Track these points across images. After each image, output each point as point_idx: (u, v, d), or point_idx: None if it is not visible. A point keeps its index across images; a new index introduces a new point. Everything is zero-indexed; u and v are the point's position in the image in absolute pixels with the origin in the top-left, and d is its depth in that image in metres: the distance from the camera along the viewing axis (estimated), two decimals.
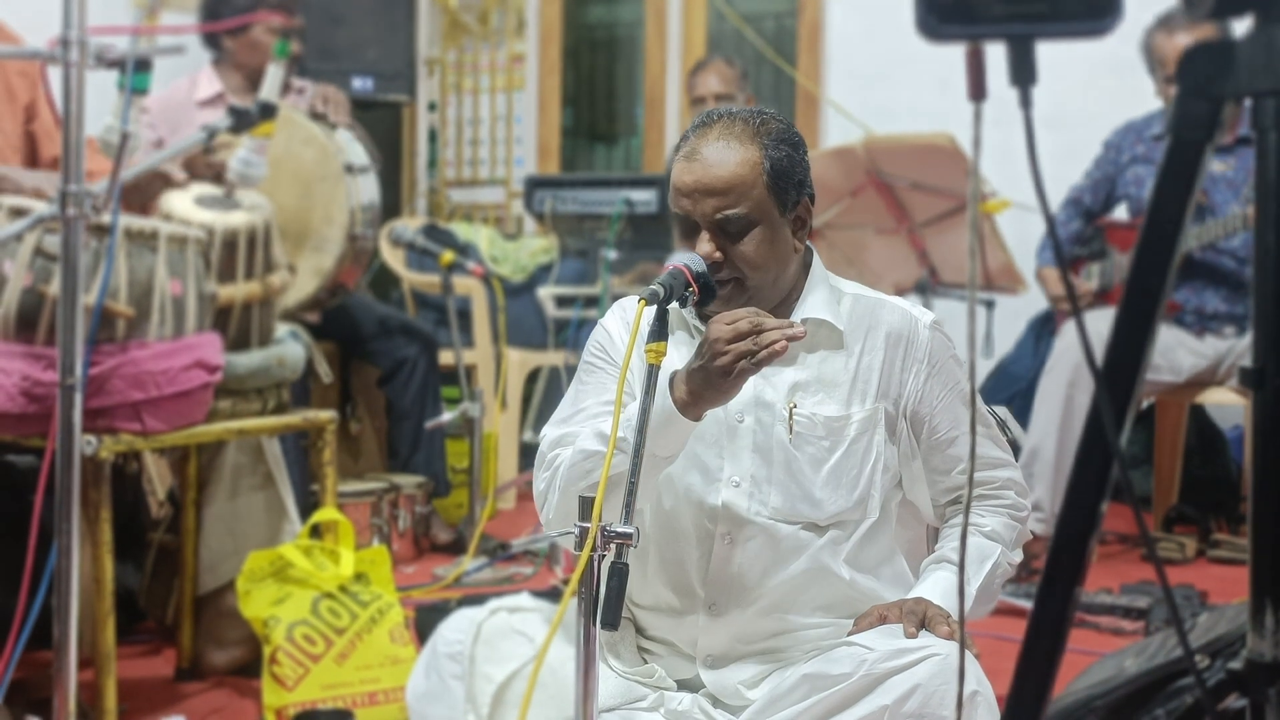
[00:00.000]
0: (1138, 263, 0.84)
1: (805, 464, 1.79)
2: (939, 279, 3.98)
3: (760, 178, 1.75)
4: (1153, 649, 2.36)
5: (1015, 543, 1.88)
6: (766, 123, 1.79)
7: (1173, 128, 0.85)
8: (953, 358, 1.85)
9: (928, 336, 1.83)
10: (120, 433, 2.51)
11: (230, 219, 2.79)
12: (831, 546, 1.81)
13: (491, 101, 6.23)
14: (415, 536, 3.96)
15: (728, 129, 1.77)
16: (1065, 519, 0.91)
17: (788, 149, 1.78)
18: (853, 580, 1.82)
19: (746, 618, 1.82)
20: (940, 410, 1.83)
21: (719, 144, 1.76)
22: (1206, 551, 3.95)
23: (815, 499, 1.79)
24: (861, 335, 1.83)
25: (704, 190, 1.75)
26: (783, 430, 1.79)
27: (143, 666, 2.98)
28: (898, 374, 1.82)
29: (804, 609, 1.83)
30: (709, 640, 1.85)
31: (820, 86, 5.50)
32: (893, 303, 1.88)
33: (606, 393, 1.83)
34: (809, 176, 1.82)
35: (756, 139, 1.76)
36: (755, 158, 1.75)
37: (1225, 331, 3.84)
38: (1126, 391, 0.84)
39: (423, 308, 5.01)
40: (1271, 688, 0.80)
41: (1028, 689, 0.90)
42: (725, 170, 1.74)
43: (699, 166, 1.76)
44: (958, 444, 1.83)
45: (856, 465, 1.80)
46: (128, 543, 3.12)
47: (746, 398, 1.80)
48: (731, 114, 1.79)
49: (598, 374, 1.87)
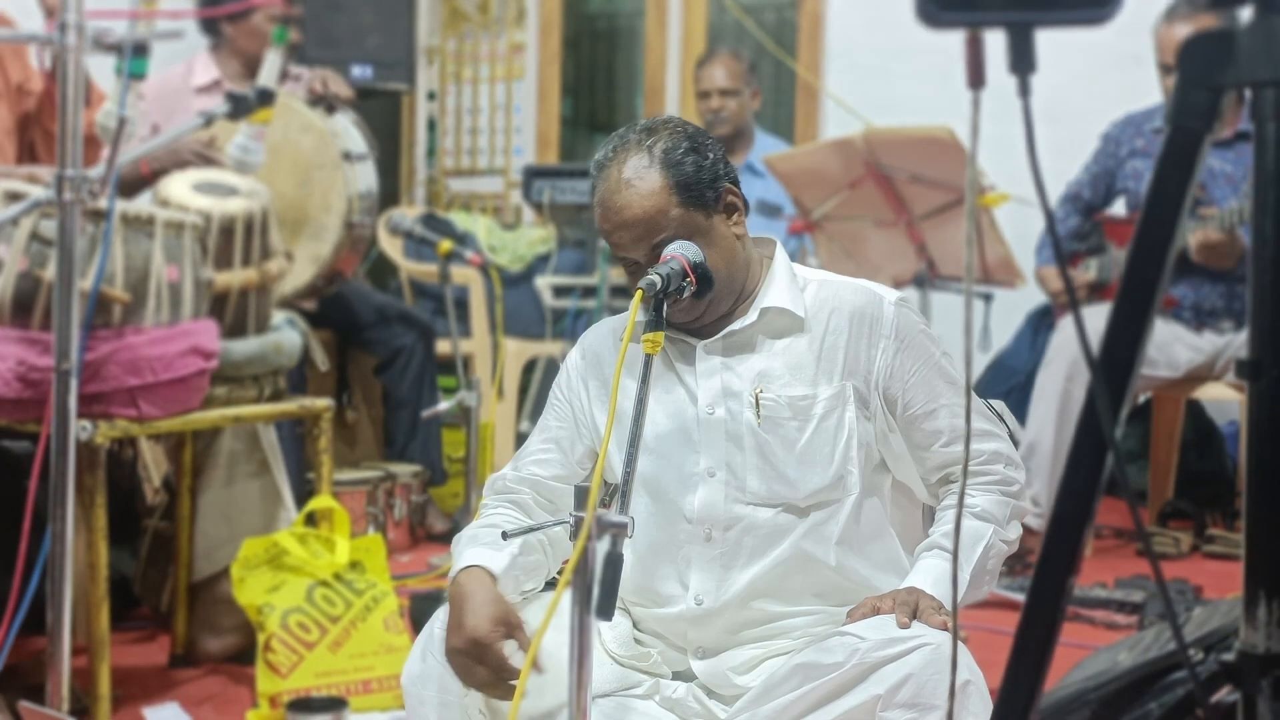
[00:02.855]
0: (1135, 252, 0.84)
1: (777, 446, 1.80)
2: (937, 272, 3.97)
3: (671, 199, 1.76)
4: (1147, 643, 2.36)
5: (1009, 519, 1.86)
6: (657, 139, 1.78)
7: (1172, 117, 0.85)
8: (922, 332, 1.85)
9: (893, 313, 1.84)
10: (116, 418, 2.50)
11: (228, 205, 2.78)
12: (815, 532, 1.81)
13: (491, 91, 6.21)
14: (411, 525, 3.96)
15: (623, 166, 1.78)
16: (1059, 509, 0.91)
17: (690, 155, 1.78)
18: (839, 566, 1.82)
19: (734, 609, 1.83)
20: (913, 385, 1.83)
21: (620, 185, 1.77)
22: (1201, 547, 3.96)
23: (790, 479, 1.80)
24: (825, 317, 1.84)
25: (626, 234, 1.78)
26: (751, 416, 1.81)
27: (137, 653, 2.98)
28: (864, 351, 1.82)
29: (791, 597, 1.83)
30: (699, 633, 1.85)
31: (820, 79, 5.49)
32: (857, 284, 1.88)
33: (545, 430, 1.91)
34: (720, 164, 1.81)
35: (653, 165, 1.77)
36: (659, 184, 1.76)
37: (1222, 326, 3.84)
38: (1122, 382, 0.84)
39: (420, 297, 5.01)
40: (1264, 679, 0.80)
41: (1021, 679, 0.89)
42: (637, 210, 1.76)
43: (613, 214, 1.78)
44: (936, 417, 1.83)
45: (829, 443, 1.80)
46: (123, 529, 3.12)
47: (715, 390, 1.82)
48: (625, 145, 1.79)
49: (551, 411, 1.94)
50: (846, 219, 4.03)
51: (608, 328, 1.96)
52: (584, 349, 1.95)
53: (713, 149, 1.82)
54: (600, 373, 1.92)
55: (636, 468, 1.62)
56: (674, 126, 1.82)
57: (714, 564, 1.82)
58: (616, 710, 1.85)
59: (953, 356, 1.89)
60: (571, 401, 1.93)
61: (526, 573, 1.85)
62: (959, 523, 1.07)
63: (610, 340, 1.93)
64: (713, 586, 1.82)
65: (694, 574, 1.83)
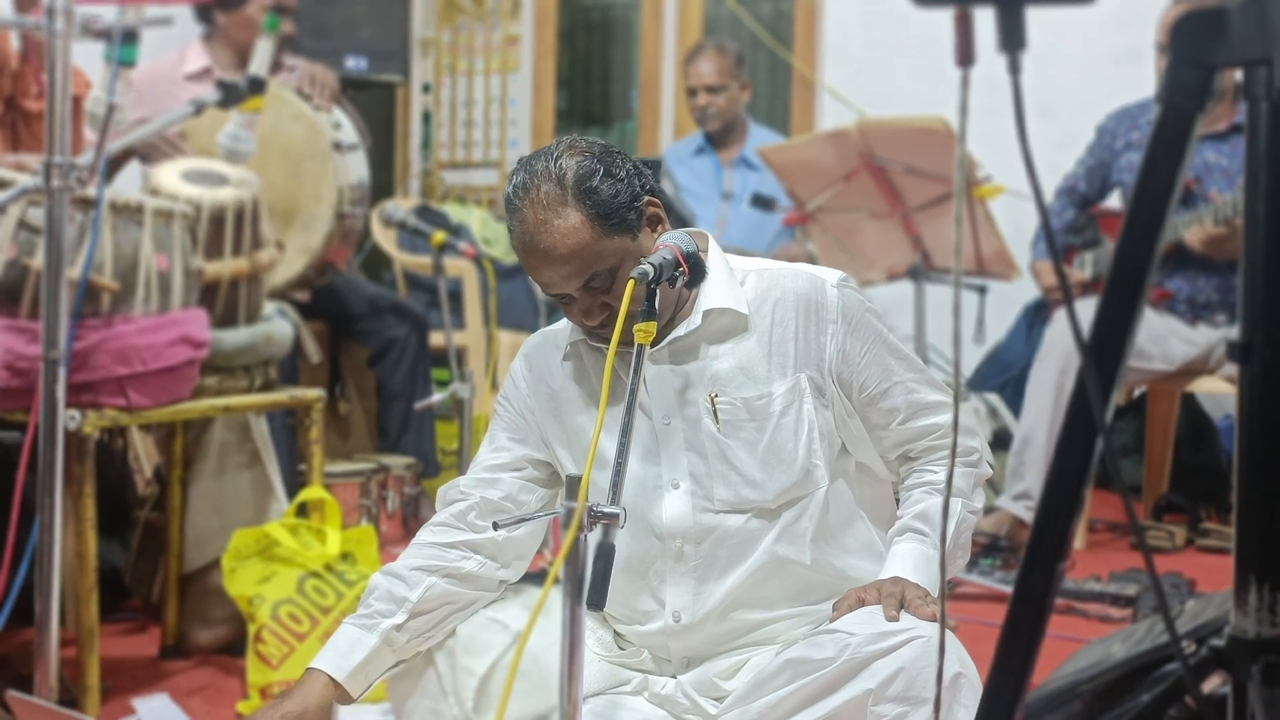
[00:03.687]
0: (1126, 235, 0.83)
1: (740, 450, 1.77)
2: (932, 264, 3.96)
3: (591, 232, 1.69)
4: (1139, 635, 2.35)
5: (974, 489, 1.84)
6: (563, 170, 1.70)
7: (1163, 96, 0.83)
8: (868, 311, 1.81)
9: (836, 296, 1.79)
10: (104, 408, 2.49)
11: (218, 194, 2.77)
12: (788, 532, 1.78)
13: (486, 83, 6.20)
14: (404, 518, 3.95)
15: (539, 205, 1.70)
16: (1048, 497, 0.90)
17: (605, 180, 1.70)
18: (815, 563, 1.79)
19: (713, 622, 1.80)
20: (866, 365, 1.79)
21: (538, 227, 1.70)
22: (1195, 540, 3.95)
23: (757, 482, 1.77)
24: (769, 310, 1.80)
25: (554, 274, 1.72)
26: (710, 423, 1.77)
27: (127, 644, 2.97)
28: (814, 339, 1.79)
29: (770, 603, 1.81)
30: (680, 644, 1.83)
31: (816, 71, 5.48)
32: (795, 269, 1.84)
33: (494, 443, 1.89)
34: (635, 179, 1.74)
35: (568, 199, 1.69)
36: (578, 220, 1.69)
37: (1217, 320, 3.83)
38: (1112, 366, 0.83)
39: (414, 289, 4.99)
40: (1254, 664, 0.79)
41: (1009, 667, 0.88)
42: (561, 250, 1.69)
43: (536, 258, 1.72)
44: (891, 395, 1.80)
45: (791, 439, 1.77)
46: (114, 520, 3.11)
47: (669, 400, 1.79)
48: (536, 181, 1.71)
49: (497, 421, 1.91)
50: (841, 211, 4.02)
51: (548, 340, 1.91)
52: (529, 360, 1.91)
53: (623, 165, 1.73)
54: (548, 385, 1.87)
55: (628, 458, 1.60)
56: (579, 150, 1.73)
57: (688, 578, 1.80)
58: (606, 708, 1.84)
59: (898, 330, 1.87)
60: (523, 414, 1.89)
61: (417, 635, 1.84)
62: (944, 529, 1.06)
63: (550, 352, 1.88)
64: (689, 601, 1.80)
65: (669, 590, 1.80)
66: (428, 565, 1.85)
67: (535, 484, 1.90)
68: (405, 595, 1.83)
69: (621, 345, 1.65)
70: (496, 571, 1.89)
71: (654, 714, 1.85)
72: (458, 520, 1.88)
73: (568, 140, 1.76)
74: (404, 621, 1.82)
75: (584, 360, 1.86)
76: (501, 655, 2.20)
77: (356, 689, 1.79)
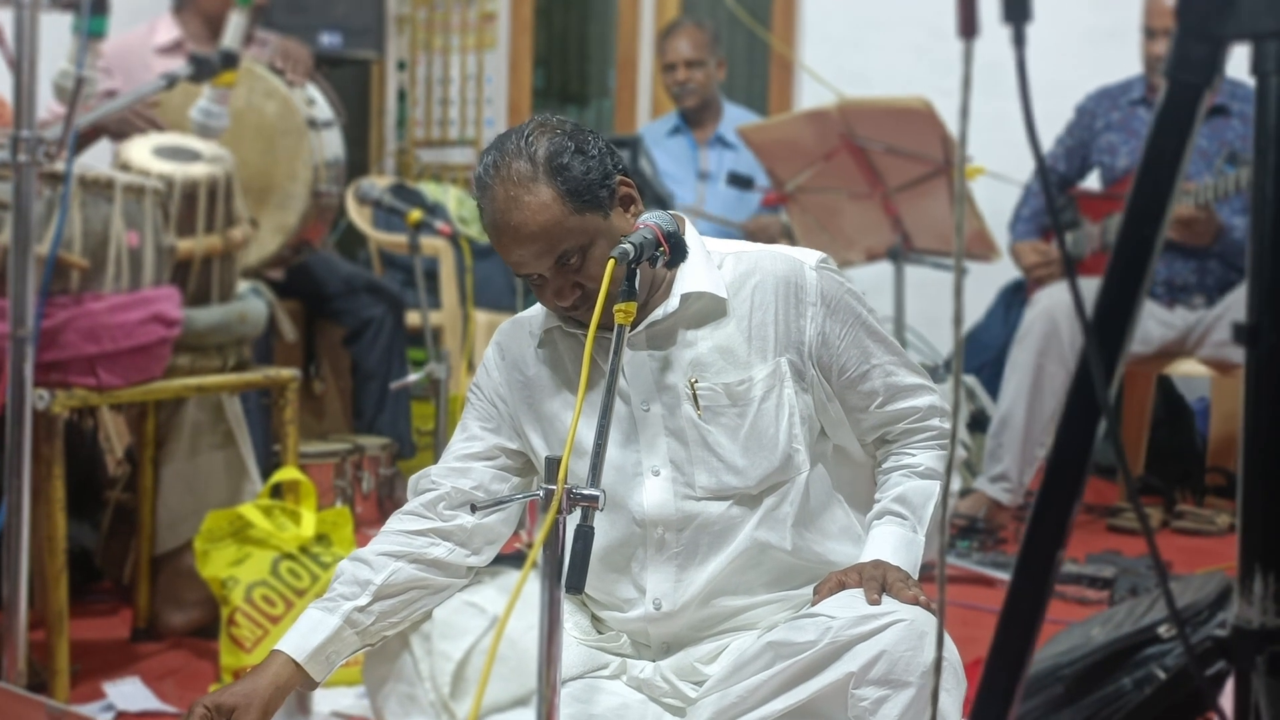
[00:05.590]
0: (1131, 210, 0.81)
1: (721, 436, 1.75)
2: (912, 245, 3.94)
3: (564, 208, 1.67)
4: (1119, 618, 2.35)
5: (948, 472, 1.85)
6: (535, 148, 1.69)
7: (1170, 70, 0.81)
8: (848, 292, 1.80)
9: (815, 278, 1.77)
10: (74, 387, 2.45)
11: (190, 170, 2.72)
12: (768, 518, 1.77)
13: (462, 60, 6.14)
14: (379, 499, 3.91)
15: (510, 182, 1.68)
16: (1049, 481, 0.88)
17: (576, 157, 1.69)
18: (795, 549, 1.78)
19: (694, 609, 1.79)
20: (845, 348, 1.78)
21: (509, 204, 1.68)
22: (1171, 523, 3.96)
23: (739, 468, 1.75)
24: (748, 293, 1.78)
25: (525, 252, 1.69)
26: (690, 409, 1.75)
27: (98, 627, 2.93)
28: (794, 322, 1.77)
29: (751, 589, 1.79)
30: (660, 631, 1.82)
31: (795, 51, 5.45)
32: (774, 252, 1.82)
33: (466, 431, 1.87)
34: (608, 157, 1.72)
35: (540, 175, 1.67)
36: (549, 196, 1.67)
37: (1195, 302, 3.83)
38: (1116, 344, 0.81)
39: (390, 268, 4.95)
40: (1259, 655, 0.77)
41: (1007, 655, 0.86)
42: (532, 226, 1.67)
43: (508, 236, 1.69)
44: (870, 378, 1.79)
45: (772, 424, 1.75)
46: (84, 501, 3.07)
47: (648, 386, 1.77)
48: (506, 158, 1.69)
49: (469, 410, 1.89)
50: (821, 191, 3.99)
51: (520, 327, 1.88)
52: (501, 348, 1.88)
53: (595, 144, 1.72)
54: (522, 372, 1.85)
55: (608, 440, 1.58)
56: (551, 128, 1.71)
57: (669, 565, 1.78)
58: (584, 691, 1.82)
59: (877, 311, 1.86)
60: (495, 402, 1.86)
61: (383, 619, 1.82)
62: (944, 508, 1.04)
63: (524, 339, 1.86)
64: (670, 588, 1.78)
65: (650, 578, 1.79)
66: (394, 551, 1.83)
67: (508, 473, 1.88)
68: (369, 579, 1.81)
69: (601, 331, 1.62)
70: (466, 558, 1.86)
71: (632, 698, 1.83)
72: (427, 510, 1.86)
73: (539, 119, 1.74)
74: (368, 604, 1.80)
75: (559, 346, 1.83)
76: (478, 639, 2.18)
77: (318, 671, 1.77)
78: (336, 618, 1.79)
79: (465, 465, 1.86)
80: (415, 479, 1.90)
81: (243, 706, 1.68)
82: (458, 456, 1.87)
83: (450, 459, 1.87)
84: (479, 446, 1.87)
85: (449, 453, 1.88)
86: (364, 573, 1.82)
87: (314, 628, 1.78)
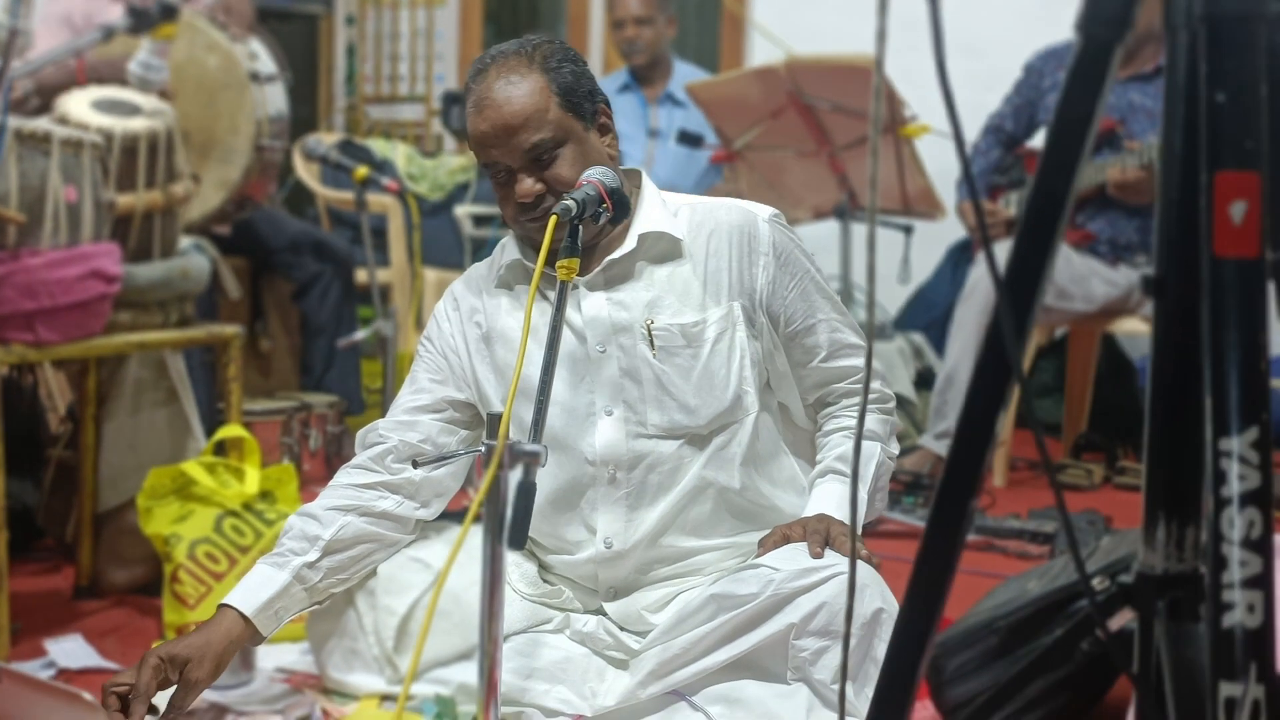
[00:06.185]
0: (1043, 168, 0.82)
1: (675, 375, 1.79)
2: (858, 203, 3.95)
3: (551, 99, 1.75)
4: (1055, 571, 2.39)
5: (889, 435, 1.91)
6: (539, 47, 1.79)
7: (1081, 24, 0.82)
8: (797, 248, 1.86)
9: (768, 230, 1.83)
10: (12, 344, 2.42)
11: (130, 124, 2.69)
12: (717, 457, 1.80)
13: (411, 16, 6.08)
14: (327, 456, 3.90)
15: (504, 66, 1.77)
16: (961, 433, 0.90)
17: (568, 64, 1.79)
18: (744, 487, 1.82)
19: (644, 548, 1.82)
20: (792, 300, 1.83)
21: (501, 83, 1.76)
22: (1113, 478, 4.02)
23: (691, 407, 1.79)
24: (704, 239, 1.83)
25: (503, 131, 1.75)
26: (645, 348, 1.79)
27: (40, 584, 2.91)
28: (747, 270, 1.82)
29: (699, 529, 1.82)
30: (609, 574, 1.84)
31: (746, 8, 5.43)
32: (729, 203, 1.88)
33: (414, 384, 1.88)
34: (596, 85, 1.82)
35: (534, 66, 1.77)
36: (540, 83, 1.76)
37: (1138, 260, 3.87)
38: (1027, 301, 0.82)
39: (338, 225, 4.91)
40: (1160, 600, 0.79)
41: (920, 603, 0.88)
42: (517, 104, 1.74)
43: (491, 111, 1.75)
44: (815, 331, 1.85)
45: (724, 365, 1.80)
46: (25, 458, 3.04)
47: (604, 327, 1.80)
48: (503, 52, 1.79)
49: (419, 362, 1.90)
50: (768, 149, 4.00)
51: (476, 276, 1.90)
52: (456, 299, 1.90)
53: (588, 70, 1.83)
54: (478, 325, 1.87)
55: (550, 395, 1.59)
56: (555, 41, 1.82)
57: (620, 504, 1.81)
58: (527, 645, 1.84)
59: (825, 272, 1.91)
60: (445, 354, 1.88)
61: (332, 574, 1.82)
62: (855, 483, 1.05)
63: (481, 287, 1.88)
64: (621, 528, 1.81)
65: (600, 517, 1.81)
66: (343, 505, 1.84)
67: (456, 425, 1.89)
68: (318, 534, 1.81)
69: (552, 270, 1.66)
70: (414, 511, 1.87)
71: (575, 651, 1.85)
72: (375, 463, 1.86)
73: (541, 35, 1.84)
74: (317, 559, 1.81)
75: (516, 292, 1.85)
76: (422, 594, 2.19)
77: (267, 626, 1.78)
78: (286, 573, 1.79)
79: (413, 418, 1.87)
80: (363, 433, 1.90)
81: (196, 658, 1.68)
82: (405, 410, 1.88)
83: (398, 412, 1.88)
84: (427, 399, 1.87)
85: (397, 406, 1.89)
86: (312, 528, 1.82)
87: (263, 583, 1.79)
